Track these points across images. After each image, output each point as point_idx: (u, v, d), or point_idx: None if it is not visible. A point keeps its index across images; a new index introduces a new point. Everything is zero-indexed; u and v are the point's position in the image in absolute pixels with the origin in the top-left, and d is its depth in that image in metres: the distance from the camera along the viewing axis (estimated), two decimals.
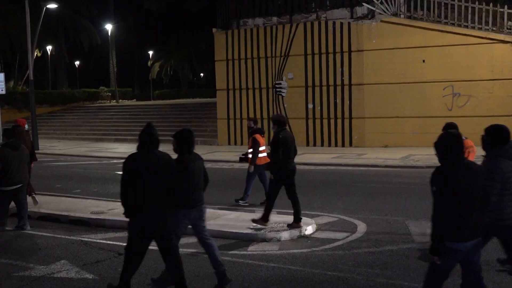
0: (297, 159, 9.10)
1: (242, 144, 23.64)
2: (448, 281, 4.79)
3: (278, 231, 8.44)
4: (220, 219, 9.39)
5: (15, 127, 10.71)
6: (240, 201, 11.01)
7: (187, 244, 8.21)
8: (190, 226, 6.33)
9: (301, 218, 8.67)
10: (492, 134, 5.38)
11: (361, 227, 8.83)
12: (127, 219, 5.71)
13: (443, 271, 4.64)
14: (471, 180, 4.54)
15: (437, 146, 4.70)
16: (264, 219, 8.58)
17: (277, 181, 8.66)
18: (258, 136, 10.63)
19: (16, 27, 39.15)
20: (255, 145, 10.54)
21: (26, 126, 12.46)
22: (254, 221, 8.66)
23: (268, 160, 9.92)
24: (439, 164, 4.65)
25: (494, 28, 19.69)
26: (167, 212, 5.69)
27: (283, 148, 8.50)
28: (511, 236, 5.36)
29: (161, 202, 5.59)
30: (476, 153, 8.28)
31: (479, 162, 5.21)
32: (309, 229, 8.61)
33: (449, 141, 4.62)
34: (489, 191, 4.83)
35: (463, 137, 6.86)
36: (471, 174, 4.57)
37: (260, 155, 10.57)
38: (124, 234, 8.74)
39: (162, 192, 5.59)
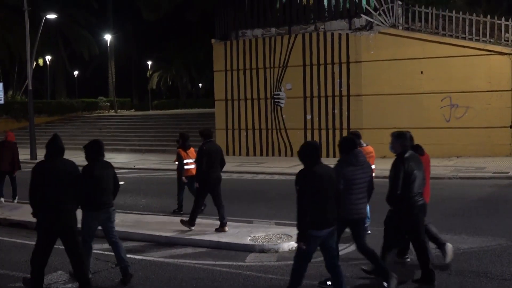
0: (295, 169, 9.10)
1: (240, 154, 23.63)
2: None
3: (276, 242, 8.42)
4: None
5: None
6: (176, 210, 11.48)
7: (185, 255, 8.19)
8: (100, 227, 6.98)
9: (225, 223, 9.34)
10: (341, 144, 6.53)
11: None
12: (127, 229, 5.90)
13: (307, 254, 5.79)
14: (327, 181, 5.67)
15: (299, 153, 5.78)
16: (190, 223, 9.40)
17: (201, 189, 9.52)
18: (180, 151, 11.43)
19: (16, 36, 39.26)
20: (179, 159, 11.42)
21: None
22: (182, 222, 9.51)
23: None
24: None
25: (491, 40, 19.78)
26: (72, 211, 6.36)
27: (206, 158, 9.31)
28: (361, 228, 6.56)
29: (66, 203, 6.26)
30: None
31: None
32: None
33: (309, 150, 5.73)
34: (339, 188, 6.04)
35: (365, 144, 9.14)
36: (327, 176, 5.72)
37: (186, 167, 11.35)
38: (124, 245, 8.69)
39: (67, 194, 6.28)
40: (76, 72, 63.35)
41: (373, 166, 8.35)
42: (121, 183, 7.49)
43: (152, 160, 22.62)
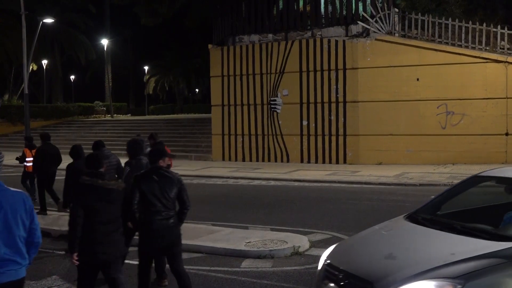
0: (291, 175, 9.10)
1: (236, 160, 23.62)
2: None
3: (272, 248, 8.41)
4: (213, 235, 9.36)
5: None
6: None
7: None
8: None
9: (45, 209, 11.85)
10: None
11: None
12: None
13: None
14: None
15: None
16: (43, 210, 11.80)
17: (41, 182, 12.08)
18: (26, 150, 13.61)
19: (12, 40, 39.28)
20: (22, 156, 13.60)
21: None
22: (37, 213, 11.11)
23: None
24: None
25: (487, 48, 19.86)
26: None
27: (42, 157, 11.90)
28: None
29: None
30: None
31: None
32: (302, 246, 8.59)
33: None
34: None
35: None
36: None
37: (28, 164, 13.53)
38: None
39: None
40: (72, 77, 63.34)
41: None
42: None
43: None
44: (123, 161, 8.18)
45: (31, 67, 36.97)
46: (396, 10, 21.75)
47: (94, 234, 5.22)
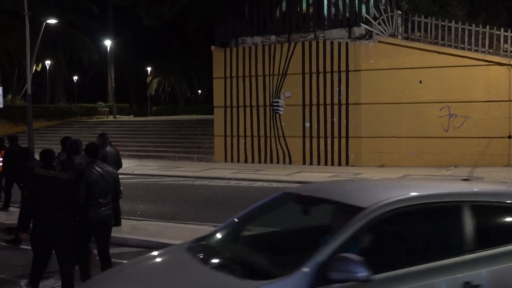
0: (293, 177, 9.08)
1: (238, 161, 23.63)
2: None
3: None
4: None
5: None
6: None
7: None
8: None
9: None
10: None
11: None
12: (124, 235, 6.15)
13: None
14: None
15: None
16: (7, 207, 12.50)
17: (8, 179, 12.67)
18: None
19: (15, 41, 39.29)
20: None
21: None
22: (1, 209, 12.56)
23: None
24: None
25: (490, 51, 19.84)
26: None
27: (10, 158, 12.48)
28: None
29: None
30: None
31: None
32: None
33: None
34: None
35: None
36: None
37: None
38: (120, 250, 8.70)
39: None
40: (75, 77, 63.42)
41: None
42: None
43: (150, 166, 22.59)
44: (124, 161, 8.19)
45: (34, 68, 37.00)
46: (399, 12, 21.75)
47: (45, 219, 5.99)
